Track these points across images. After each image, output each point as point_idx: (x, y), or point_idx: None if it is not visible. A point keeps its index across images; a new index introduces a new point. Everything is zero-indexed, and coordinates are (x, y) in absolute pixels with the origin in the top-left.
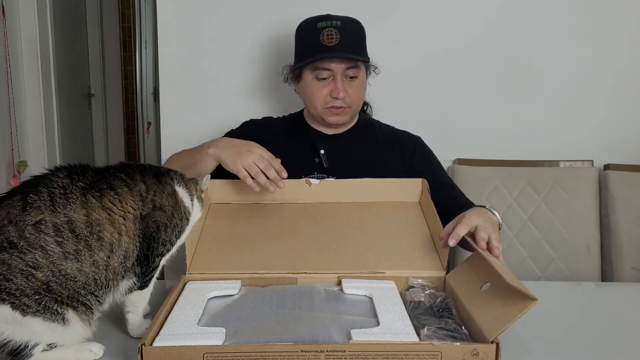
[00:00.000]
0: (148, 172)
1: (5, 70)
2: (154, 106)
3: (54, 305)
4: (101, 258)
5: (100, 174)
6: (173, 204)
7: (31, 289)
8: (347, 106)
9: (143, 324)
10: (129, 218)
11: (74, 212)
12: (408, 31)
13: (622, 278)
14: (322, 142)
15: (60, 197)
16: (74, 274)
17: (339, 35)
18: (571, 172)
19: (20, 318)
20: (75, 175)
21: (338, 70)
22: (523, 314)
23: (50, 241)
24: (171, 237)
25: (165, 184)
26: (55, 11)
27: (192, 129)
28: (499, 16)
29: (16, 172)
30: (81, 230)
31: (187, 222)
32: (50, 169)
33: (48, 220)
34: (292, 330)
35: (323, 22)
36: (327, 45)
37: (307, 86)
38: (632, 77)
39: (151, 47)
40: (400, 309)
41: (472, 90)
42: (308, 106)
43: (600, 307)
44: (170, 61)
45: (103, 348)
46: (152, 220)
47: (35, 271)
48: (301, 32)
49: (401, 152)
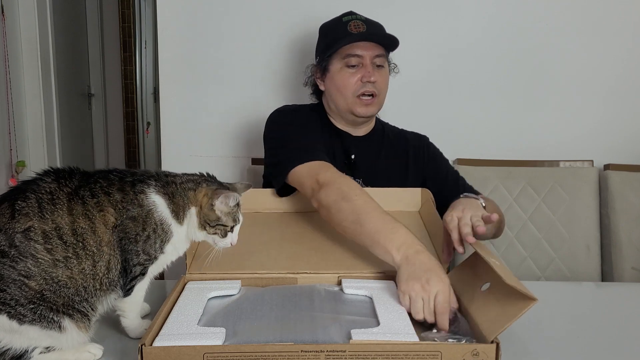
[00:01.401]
0: (126, 179)
1: (5, 70)
2: (154, 106)
3: (49, 313)
4: (87, 266)
5: (86, 179)
6: (145, 215)
7: (25, 298)
8: (377, 93)
9: (141, 325)
10: (109, 227)
11: (61, 219)
12: (409, 32)
13: (622, 278)
14: (352, 146)
15: (47, 202)
16: (65, 281)
17: (366, 25)
18: (571, 172)
19: (17, 327)
20: (62, 180)
21: (367, 56)
22: (523, 313)
23: (40, 249)
24: (146, 248)
25: (139, 192)
26: (55, 11)
27: (192, 129)
28: (499, 17)
29: (14, 172)
30: (68, 237)
31: (164, 234)
32: (39, 173)
33: (37, 227)
34: (292, 330)
35: (348, 16)
36: (356, 33)
37: (336, 75)
38: (632, 77)
39: (151, 47)
40: (400, 309)
41: (472, 90)
42: (337, 97)
43: (600, 307)
44: (170, 61)
45: (102, 349)
46: (124, 231)
47: (28, 280)
48: (326, 29)
49: (414, 153)
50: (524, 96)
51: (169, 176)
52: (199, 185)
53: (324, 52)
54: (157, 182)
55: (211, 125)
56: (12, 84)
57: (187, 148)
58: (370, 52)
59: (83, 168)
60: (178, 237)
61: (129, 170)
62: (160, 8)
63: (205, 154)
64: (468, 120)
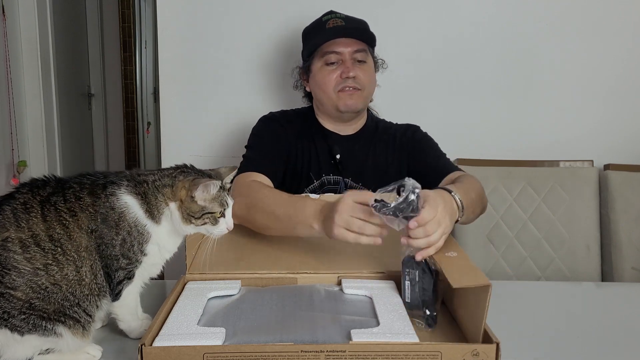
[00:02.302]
0: (99, 181)
1: (5, 70)
2: (154, 106)
3: (41, 322)
4: (70, 272)
5: (61, 185)
6: (117, 218)
7: (14, 309)
8: (360, 87)
9: (140, 326)
10: (84, 232)
11: (36, 226)
12: (408, 32)
13: (622, 278)
14: (337, 145)
15: (21, 212)
16: (51, 288)
17: (344, 22)
18: (571, 172)
19: (19, 338)
20: (35, 189)
21: (346, 52)
22: (488, 304)
23: (19, 259)
24: (124, 252)
25: (110, 195)
26: (55, 11)
27: (192, 129)
28: (499, 17)
29: (16, 172)
30: (46, 243)
31: (139, 235)
32: (16, 187)
33: (14, 236)
34: (292, 330)
35: (328, 15)
36: (331, 28)
37: (317, 74)
38: (632, 77)
39: (151, 47)
40: (400, 309)
41: (472, 90)
42: (320, 96)
43: (600, 307)
44: (170, 61)
45: (101, 350)
46: (100, 237)
47: (14, 291)
48: (307, 30)
49: (400, 143)
50: (524, 96)
51: (142, 175)
52: (175, 179)
53: (306, 53)
54: (129, 183)
55: (211, 125)
56: (12, 84)
57: (187, 148)
58: (349, 49)
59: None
60: (158, 236)
61: (103, 172)
62: (160, 8)
63: (205, 154)
64: (468, 120)
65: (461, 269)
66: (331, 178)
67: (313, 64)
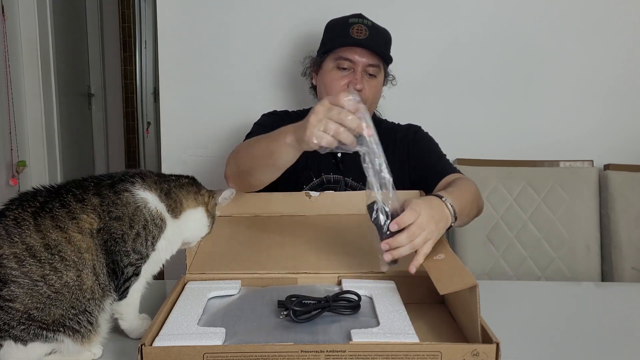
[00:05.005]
0: (104, 182)
1: (5, 70)
2: (154, 106)
3: (42, 332)
4: (71, 278)
5: (55, 193)
6: (131, 213)
7: (13, 320)
8: (362, 101)
9: (141, 326)
10: (86, 234)
11: (30, 238)
12: (408, 32)
13: (622, 278)
14: None
15: (13, 226)
16: (54, 296)
17: (369, 32)
18: (571, 172)
19: (23, 347)
20: (25, 202)
21: (360, 63)
22: (479, 303)
23: (17, 274)
24: (136, 247)
25: (122, 191)
26: (55, 11)
27: (192, 129)
28: (499, 17)
29: (15, 172)
30: (41, 254)
31: (156, 228)
32: (6, 204)
33: (8, 252)
34: (292, 330)
35: (355, 18)
36: (356, 38)
37: (326, 74)
38: (632, 77)
39: (151, 47)
40: (400, 309)
41: (472, 90)
42: (324, 96)
43: (600, 307)
44: (170, 61)
45: (102, 348)
46: (109, 233)
47: (12, 303)
48: (331, 25)
49: (400, 143)
50: (524, 96)
51: (159, 175)
52: (199, 187)
53: (323, 48)
54: (144, 180)
55: (211, 125)
56: (12, 83)
57: (187, 148)
58: (364, 60)
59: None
60: (172, 230)
61: (107, 174)
62: (160, 8)
63: (205, 154)
64: (468, 120)
65: (448, 272)
66: (331, 177)
67: (325, 62)
